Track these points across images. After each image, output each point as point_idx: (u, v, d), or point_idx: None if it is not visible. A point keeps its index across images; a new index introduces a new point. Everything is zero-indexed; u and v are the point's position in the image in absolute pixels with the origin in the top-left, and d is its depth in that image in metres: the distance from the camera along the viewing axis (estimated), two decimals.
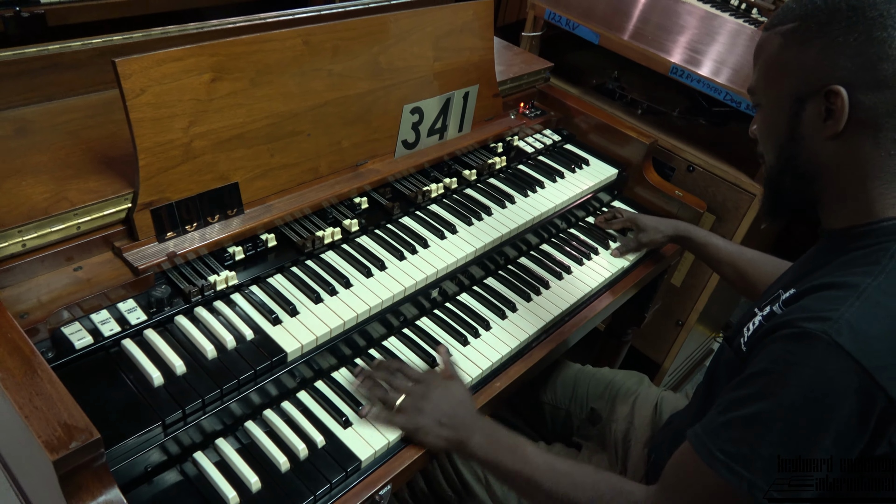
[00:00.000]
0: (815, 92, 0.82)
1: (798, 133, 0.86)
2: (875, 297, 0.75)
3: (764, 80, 0.90)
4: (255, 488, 0.92)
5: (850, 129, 0.81)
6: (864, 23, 0.78)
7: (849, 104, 0.79)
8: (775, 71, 0.87)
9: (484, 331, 1.24)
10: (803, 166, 0.87)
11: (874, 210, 0.83)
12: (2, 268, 0.94)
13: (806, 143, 0.85)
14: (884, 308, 0.74)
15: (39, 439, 0.74)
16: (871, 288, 0.76)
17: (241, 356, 1.00)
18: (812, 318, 0.74)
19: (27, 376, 0.81)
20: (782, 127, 0.87)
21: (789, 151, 0.88)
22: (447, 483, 1.26)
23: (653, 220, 1.50)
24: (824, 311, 0.74)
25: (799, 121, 0.85)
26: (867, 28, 0.77)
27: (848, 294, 0.76)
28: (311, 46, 1.20)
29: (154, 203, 1.06)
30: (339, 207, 1.30)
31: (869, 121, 0.80)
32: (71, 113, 1.19)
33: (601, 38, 1.90)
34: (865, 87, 0.79)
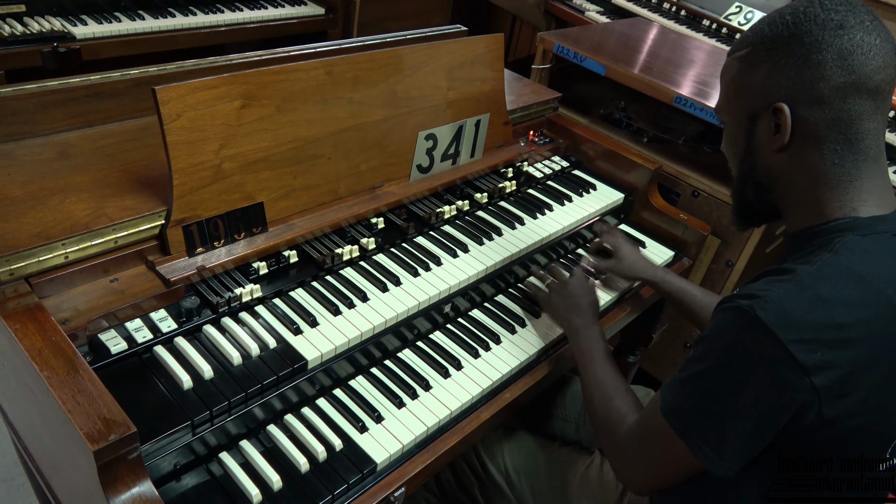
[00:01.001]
0: (763, 109, 0.91)
1: (753, 147, 0.95)
2: (806, 281, 0.83)
3: (725, 99, 0.99)
4: (277, 487, 0.97)
5: (797, 141, 0.90)
6: (802, 48, 0.86)
7: (792, 119, 0.88)
8: (733, 91, 0.97)
9: (494, 345, 1.30)
10: (760, 176, 0.97)
11: (825, 212, 0.91)
12: (46, 278, 1.02)
13: (760, 156, 0.95)
14: (810, 290, 0.82)
15: (81, 431, 0.80)
16: (806, 273, 0.84)
17: (265, 363, 1.06)
18: (746, 295, 0.84)
19: (70, 375, 0.87)
20: (740, 141, 0.97)
21: (747, 163, 0.98)
22: (472, 472, 1.32)
23: (632, 257, 1.49)
24: (759, 290, 0.84)
25: (753, 136, 0.95)
26: (805, 52, 0.86)
27: (784, 278, 0.85)
28: (333, 76, 1.29)
29: (186, 220, 1.13)
30: (357, 227, 1.37)
31: (812, 134, 0.88)
32: (109, 138, 1.28)
33: (608, 70, 1.98)
34: (806, 104, 0.87)
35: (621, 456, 1.05)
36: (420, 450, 1.09)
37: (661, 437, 0.93)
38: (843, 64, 0.84)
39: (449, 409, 1.14)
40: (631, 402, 1.09)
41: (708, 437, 0.88)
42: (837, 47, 0.84)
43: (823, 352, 0.81)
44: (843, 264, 0.85)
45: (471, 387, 1.19)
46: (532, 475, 1.29)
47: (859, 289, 0.84)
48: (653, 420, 0.96)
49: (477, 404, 1.19)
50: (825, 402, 0.82)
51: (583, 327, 1.26)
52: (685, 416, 0.91)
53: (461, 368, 1.23)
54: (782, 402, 0.82)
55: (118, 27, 2.24)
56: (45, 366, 0.87)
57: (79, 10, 2.24)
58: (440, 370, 1.21)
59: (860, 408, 0.84)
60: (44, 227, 1.03)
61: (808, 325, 0.81)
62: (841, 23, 0.84)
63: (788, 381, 0.81)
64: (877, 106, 0.87)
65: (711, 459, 0.88)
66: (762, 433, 0.86)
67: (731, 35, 3.19)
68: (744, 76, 0.94)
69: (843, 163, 0.88)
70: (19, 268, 0.98)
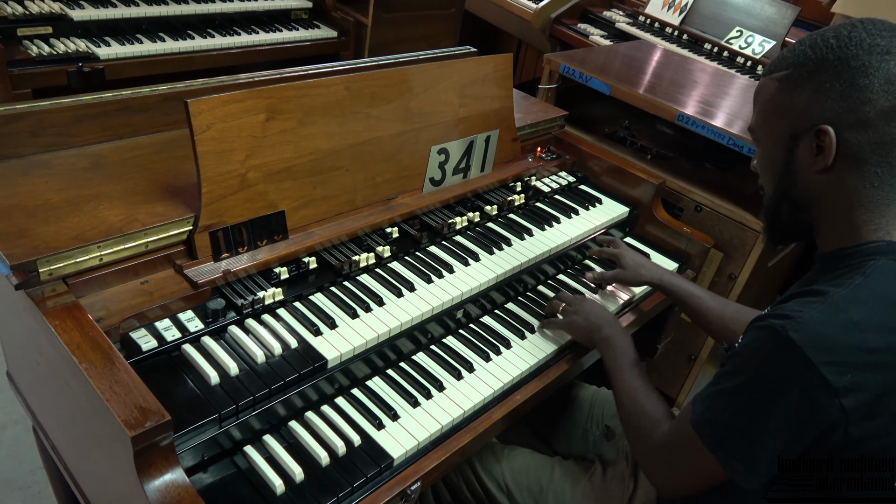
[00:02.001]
0: (806, 130, 0.93)
1: (793, 167, 0.97)
2: (839, 304, 0.85)
3: (762, 119, 1.01)
4: (299, 479, 1.01)
5: (838, 163, 0.92)
6: (848, 71, 0.88)
7: (836, 141, 0.90)
8: (772, 111, 0.98)
9: (505, 349, 1.34)
10: (798, 196, 0.98)
11: (860, 234, 0.93)
12: (82, 279, 1.07)
13: (800, 176, 0.96)
14: (843, 313, 0.85)
15: (119, 419, 0.85)
16: (839, 296, 0.86)
17: (287, 361, 1.11)
18: (780, 315, 0.86)
19: (107, 367, 0.92)
20: (779, 161, 0.98)
21: (785, 183, 0.99)
22: (471, 494, 1.34)
23: (635, 262, 1.53)
24: (792, 311, 0.86)
25: (793, 156, 0.96)
26: (851, 76, 0.88)
27: (817, 300, 0.87)
28: (352, 92, 1.35)
29: (212, 226, 1.19)
30: (373, 236, 1.42)
31: (854, 156, 0.90)
32: (139, 149, 1.35)
33: (612, 89, 2.05)
34: (850, 126, 0.89)
35: (653, 461, 1.08)
36: (435, 447, 1.13)
37: (691, 448, 0.96)
38: (890, 88, 0.86)
39: (462, 409, 1.18)
40: (663, 410, 1.12)
41: (737, 453, 0.91)
42: (885, 72, 0.86)
43: (854, 374, 0.83)
44: (877, 289, 0.87)
45: (483, 388, 1.24)
46: (534, 490, 1.31)
47: (892, 314, 0.86)
48: (683, 431, 0.99)
49: (489, 405, 1.24)
50: (852, 423, 0.84)
51: (613, 336, 1.30)
52: (716, 430, 0.93)
53: (473, 371, 1.28)
54: (812, 421, 0.85)
55: (140, 48, 2.33)
56: (84, 359, 0.93)
57: (102, 32, 2.33)
58: (453, 372, 1.26)
59: (886, 429, 0.87)
60: (80, 231, 1.09)
61: (839, 348, 0.83)
62: (888, 48, 0.87)
63: (818, 401, 0.83)
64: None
65: (740, 473, 0.91)
66: (789, 449, 0.88)
67: (733, 58, 3.27)
68: (784, 96, 0.95)
69: (883, 186, 0.91)
70: (58, 268, 1.04)
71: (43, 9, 2.20)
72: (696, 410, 0.96)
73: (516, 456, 1.36)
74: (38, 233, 1.07)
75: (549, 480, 1.30)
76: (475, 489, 1.33)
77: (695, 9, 3.52)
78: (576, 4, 3.79)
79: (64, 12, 2.24)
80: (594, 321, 1.34)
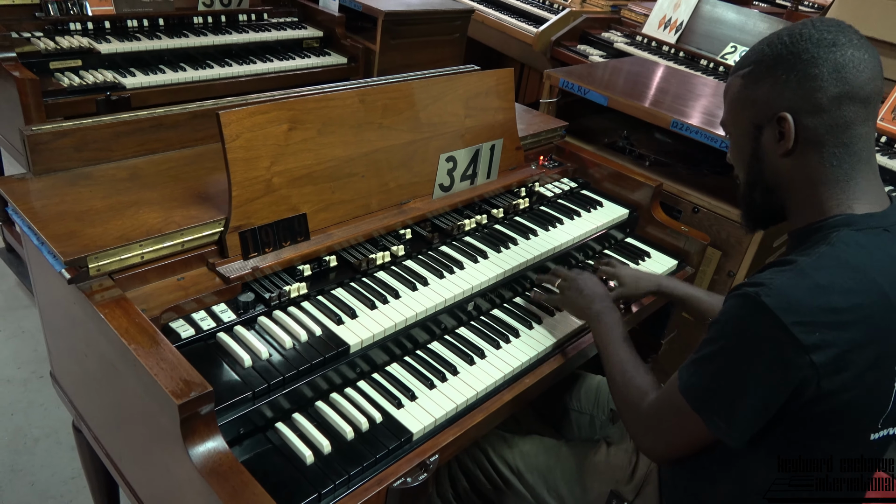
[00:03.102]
0: (769, 119, 1.04)
1: (760, 153, 1.07)
2: (806, 271, 0.94)
3: (731, 113, 1.12)
4: (327, 451, 1.10)
5: (799, 146, 1.02)
6: (801, 64, 0.99)
7: (795, 127, 1.00)
8: (738, 105, 1.09)
9: (514, 338, 1.43)
10: (768, 180, 1.08)
11: (824, 210, 1.02)
12: (125, 275, 1.18)
13: (767, 161, 1.07)
14: (809, 278, 0.94)
15: (167, 389, 0.95)
16: (805, 264, 0.95)
17: (313, 347, 1.21)
18: (754, 283, 0.96)
19: (153, 347, 1.02)
20: (748, 149, 1.09)
21: (755, 169, 1.09)
22: (486, 479, 1.42)
23: (633, 276, 1.59)
24: (764, 279, 0.95)
25: (759, 143, 1.07)
26: (804, 67, 0.99)
27: (787, 268, 0.96)
28: (366, 104, 1.47)
29: (242, 227, 1.30)
30: (388, 237, 1.53)
31: (813, 139, 1.01)
32: (171, 162, 1.46)
33: (609, 100, 2.17)
34: (806, 112, 1.00)
35: (642, 429, 1.16)
36: (450, 424, 1.22)
37: (679, 412, 1.05)
38: (838, 76, 0.97)
39: (475, 391, 1.27)
40: (651, 380, 1.21)
41: (720, 411, 0.99)
42: (832, 62, 0.97)
43: (821, 332, 0.91)
44: (840, 256, 0.96)
45: (494, 372, 1.33)
46: (544, 470, 1.39)
47: (853, 278, 0.94)
48: (671, 397, 1.07)
49: (500, 388, 1.32)
50: (823, 377, 0.92)
51: (603, 311, 1.38)
52: (700, 392, 1.02)
53: (484, 357, 1.36)
54: (785, 377, 0.93)
55: (163, 78, 2.47)
56: (133, 341, 1.03)
57: (127, 64, 2.49)
58: (466, 358, 1.35)
59: (854, 383, 0.95)
60: (124, 232, 1.20)
61: (807, 309, 0.92)
62: (833, 41, 0.98)
63: (791, 358, 0.92)
64: (867, 113, 1.00)
65: (723, 430, 0.99)
66: (768, 405, 0.96)
67: (728, 72, 3.39)
68: (748, 91, 1.06)
69: (841, 164, 1.01)
70: (105, 265, 1.15)
71: (73, 44, 2.36)
72: (683, 377, 1.05)
73: (526, 442, 1.44)
74: (86, 234, 1.18)
75: (556, 460, 1.38)
76: (490, 474, 1.41)
77: (690, 27, 3.66)
78: (575, 27, 3.94)
79: (92, 46, 2.39)
80: (587, 296, 1.42)
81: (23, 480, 2.15)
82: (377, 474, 1.09)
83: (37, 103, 2.13)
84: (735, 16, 3.49)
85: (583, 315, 1.44)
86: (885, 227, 1.00)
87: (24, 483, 2.14)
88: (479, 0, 4.53)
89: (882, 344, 0.96)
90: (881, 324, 0.95)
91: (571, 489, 1.34)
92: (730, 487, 1.10)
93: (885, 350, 0.96)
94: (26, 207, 1.22)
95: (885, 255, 0.98)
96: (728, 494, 1.11)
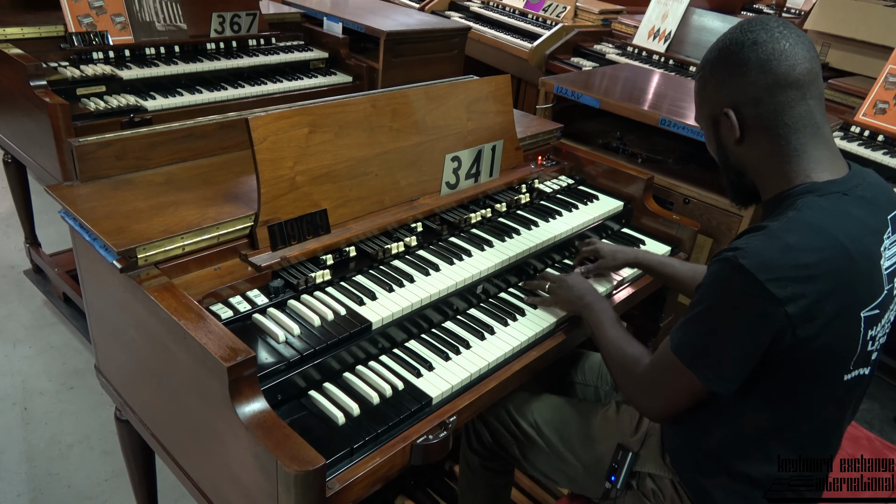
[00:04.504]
0: (719, 114, 1.19)
1: (721, 143, 1.23)
2: (776, 233, 1.07)
3: (697, 111, 1.28)
4: (356, 413, 1.22)
5: (750, 133, 1.16)
6: (731, 65, 1.14)
7: (738, 117, 1.15)
8: (698, 104, 1.26)
9: (520, 316, 1.56)
10: (734, 164, 1.24)
11: (788, 180, 1.16)
12: (169, 264, 1.32)
13: (728, 149, 1.22)
14: (779, 239, 1.06)
15: (216, 355, 1.08)
16: (776, 227, 1.08)
17: (338, 324, 1.34)
18: (731, 248, 1.09)
19: (200, 322, 1.16)
20: (713, 141, 1.25)
21: (723, 156, 1.25)
22: (509, 434, 1.56)
23: (611, 249, 1.74)
24: (741, 244, 1.08)
25: (719, 135, 1.22)
26: (735, 66, 1.14)
27: (759, 233, 1.09)
28: (377, 109, 1.62)
29: (270, 221, 1.43)
30: (400, 230, 1.66)
31: (759, 125, 1.15)
32: (202, 168, 1.61)
33: (601, 103, 2.31)
34: (746, 104, 1.14)
35: (639, 392, 1.28)
36: (466, 391, 1.34)
37: (672, 370, 1.17)
38: (763, 69, 1.11)
39: (487, 361, 1.40)
40: (642, 349, 1.33)
41: (709, 363, 1.12)
42: (756, 59, 1.11)
43: (793, 286, 1.04)
44: (805, 219, 1.09)
45: (503, 346, 1.45)
46: (559, 425, 1.52)
47: (818, 237, 1.07)
48: (665, 358, 1.19)
49: (509, 359, 1.44)
50: (798, 326, 1.05)
51: (594, 301, 1.51)
52: (690, 349, 1.14)
53: (494, 333, 1.49)
54: (765, 328, 1.06)
55: (181, 100, 2.63)
56: (182, 317, 1.16)
57: (148, 88, 2.65)
58: (477, 335, 1.48)
59: (825, 329, 1.07)
60: (166, 227, 1.34)
61: (779, 267, 1.04)
62: (755, 40, 1.12)
63: (768, 311, 1.05)
64: (803, 93, 1.13)
65: (713, 381, 1.12)
66: (751, 354, 1.09)
67: None
68: (701, 92, 1.22)
69: (790, 142, 1.14)
70: (151, 255, 1.29)
71: (97, 71, 2.52)
72: (674, 338, 1.17)
73: (543, 399, 1.58)
74: (133, 229, 1.32)
75: (570, 417, 1.52)
76: (511, 429, 1.55)
77: (678, 36, 3.82)
78: (568, 41, 4.12)
79: (114, 73, 2.55)
80: (576, 292, 1.54)
81: (59, 483, 2.26)
82: (402, 433, 1.21)
83: (67, 126, 2.27)
84: (721, 24, 3.65)
85: (575, 308, 1.54)
86: (844, 191, 1.13)
87: (62, 486, 2.26)
88: (474, 19, 4.72)
89: (847, 293, 1.08)
90: (844, 275, 1.07)
91: (583, 442, 1.47)
92: (723, 433, 1.22)
93: (850, 298, 1.09)
94: (78, 209, 1.36)
95: (844, 216, 1.10)
96: (721, 440, 1.23)
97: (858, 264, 1.08)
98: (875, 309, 1.12)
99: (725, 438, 1.23)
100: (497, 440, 1.59)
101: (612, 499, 1.40)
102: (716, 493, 1.26)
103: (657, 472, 1.37)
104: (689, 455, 1.30)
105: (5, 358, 2.77)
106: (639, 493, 1.39)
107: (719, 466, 1.25)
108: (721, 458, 1.24)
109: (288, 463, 1.01)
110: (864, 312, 1.10)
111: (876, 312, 1.12)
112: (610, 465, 1.41)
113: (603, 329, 1.42)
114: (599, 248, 1.75)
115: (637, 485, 1.39)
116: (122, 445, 1.75)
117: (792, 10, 5.26)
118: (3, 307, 3.05)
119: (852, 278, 1.08)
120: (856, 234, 1.09)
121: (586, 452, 1.46)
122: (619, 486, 1.38)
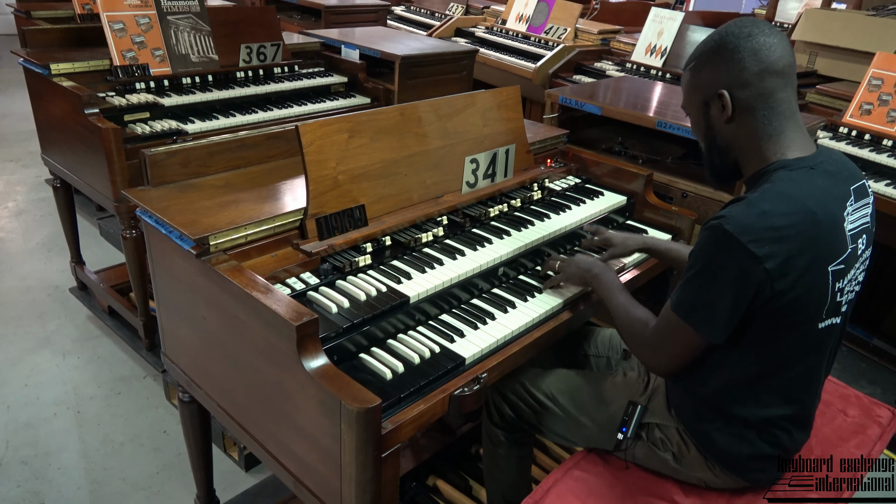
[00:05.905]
0: (711, 96, 1.38)
1: (710, 124, 1.42)
2: (753, 202, 1.26)
3: (686, 98, 1.47)
4: (401, 371, 1.42)
5: (738, 114, 1.35)
6: (728, 52, 1.34)
7: (731, 99, 1.34)
8: (690, 90, 1.45)
9: (538, 294, 1.76)
10: (720, 144, 1.42)
11: (765, 158, 1.36)
12: (236, 251, 1.53)
13: (717, 129, 1.41)
14: (756, 207, 1.25)
15: (286, 317, 1.28)
16: (753, 197, 1.27)
17: (381, 298, 1.54)
18: (716, 217, 1.28)
19: (269, 293, 1.36)
20: (701, 123, 1.44)
21: (709, 137, 1.44)
22: (526, 406, 1.73)
23: (621, 237, 1.89)
24: (724, 212, 1.27)
25: (709, 116, 1.41)
26: (730, 54, 1.33)
27: (739, 203, 1.28)
28: (405, 117, 1.84)
29: (317, 214, 1.65)
30: (428, 223, 1.87)
31: (746, 106, 1.34)
32: (254, 174, 1.83)
33: (602, 110, 2.53)
34: (737, 87, 1.33)
35: (648, 350, 1.47)
36: (493, 353, 1.53)
37: (674, 327, 1.36)
38: (756, 57, 1.31)
39: (510, 329, 1.59)
40: (649, 313, 1.50)
41: (704, 316, 1.31)
42: (750, 48, 1.31)
43: (769, 246, 1.23)
44: (778, 189, 1.28)
45: (523, 318, 1.65)
46: (572, 392, 1.69)
47: (789, 203, 1.25)
48: (667, 317, 1.38)
49: (531, 328, 1.64)
50: (775, 280, 1.24)
51: (601, 273, 1.69)
52: (688, 306, 1.32)
53: (516, 308, 1.69)
54: (748, 283, 1.25)
55: (217, 123, 2.88)
56: (254, 289, 1.37)
57: (186, 114, 2.89)
58: (501, 308, 1.67)
59: (798, 282, 1.26)
60: (231, 219, 1.55)
61: (757, 230, 1.22)
62: (749, 32, 1.32)
63: (749, 268, 1.23)
64: (785, 82, 1.33)
65: (708, 331, 1.31)
66: (738, 306, 1.27)
67: None
68: (695, 78, 1.40)
69: (771, 122, 1.34)
70: (220, 243, 1.50)
71: (140, 100, 2.77)
72: (673, 299, 1.36)
73: (555, 373, 1.76)
74: (203, 222, 1.53)
75: (581, 383, 1.70)
76: (529, 401, 1.72)
77: (674, 51, 4.06)
78: (569, 60, 4.36)
79: (156, 101, 2.80)
80: (584, 267, 1.69)
81: (114, 477, 2.46)
82: (441, 386, 1.41)
83: (118, 149, 2.51)
84: None
85: (584, 281, 1.70)
86: (811, 166, 1.33)
87: (116, 479, 2.45)
88: (479, 44, 4.98)
89: (815, 250, 1.27)
90: (812, 235, 1.27)
91: (596, 404, 1.64)
92: (718, 382, 1.41)
93: (818, 255, 1.28)
94: (154, 207, 1.58)
95: (811, 186, 1.30)
96: (717, 388, 1.42)
97: (824, 226, 1.27)
98: (840, 264, 1.31)
99: (720, 386, 1.42)
100: (517, 413, 1.76)
101: (623, 449, 1.58)
102: (715, 435, 1.45)
103: (664, 422, 1.55)
104: (691, 404, 1.49)
105: (56, 368, 2.98)
106: (648, 443, 1.57)
107: (717, 412, 1.44)
108: (718, 404, 1.43)
109: (350, 402, 1.20)
110: (831, 267, 1.30)
111: (842, 267, 1.31)
112: (622, 419, 1.59)
113: (612, 296, 1.60)
114: (610, 237, 1.93)
115: (646, 435, 1.57)
116: (184, 427, 1.94)
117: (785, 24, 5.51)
118: (52, 322, 3.27)
119: (819, 238, 1.28)
120: (821, 201, 1.29)
121: (599, 413, 1.64)
122: (629, 436, 1.56)
